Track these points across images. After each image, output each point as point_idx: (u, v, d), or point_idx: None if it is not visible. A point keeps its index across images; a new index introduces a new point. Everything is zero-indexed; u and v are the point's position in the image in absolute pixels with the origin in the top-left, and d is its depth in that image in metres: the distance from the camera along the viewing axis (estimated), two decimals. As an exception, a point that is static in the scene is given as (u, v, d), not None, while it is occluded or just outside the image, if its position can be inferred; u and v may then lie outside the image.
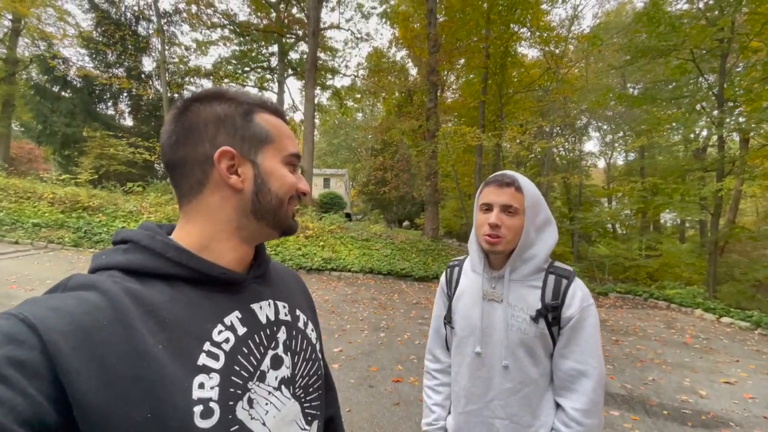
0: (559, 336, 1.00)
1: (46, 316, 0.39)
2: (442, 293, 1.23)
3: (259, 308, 0.59)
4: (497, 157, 15.04)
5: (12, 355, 0.36)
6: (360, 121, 32.46)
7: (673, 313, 7.93)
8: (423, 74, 14.91)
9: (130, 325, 0.43)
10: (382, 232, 12.76)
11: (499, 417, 1.04)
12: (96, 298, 0.43)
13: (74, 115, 14.63)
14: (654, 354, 4.99)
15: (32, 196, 9.30)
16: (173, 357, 0.45)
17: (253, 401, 0.52)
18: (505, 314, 1.02)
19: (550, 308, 0.99)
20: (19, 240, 7.73)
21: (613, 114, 20.78)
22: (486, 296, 1.07)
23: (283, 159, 0.59)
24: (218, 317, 0.52)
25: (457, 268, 1.20)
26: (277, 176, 0.58)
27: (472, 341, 1.07)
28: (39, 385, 0.36)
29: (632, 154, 21.91)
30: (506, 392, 1.03)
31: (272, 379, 0.56)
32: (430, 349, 1.26)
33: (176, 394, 0.43)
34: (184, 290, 0.51)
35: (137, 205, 10.13)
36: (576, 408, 0.97)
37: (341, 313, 6.06)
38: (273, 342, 0.58)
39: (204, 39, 16.56)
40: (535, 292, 1.02)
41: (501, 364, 1.02)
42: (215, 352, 0.49)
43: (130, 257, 0.50)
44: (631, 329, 6.31)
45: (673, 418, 3.27)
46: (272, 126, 0.59)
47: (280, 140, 0.59)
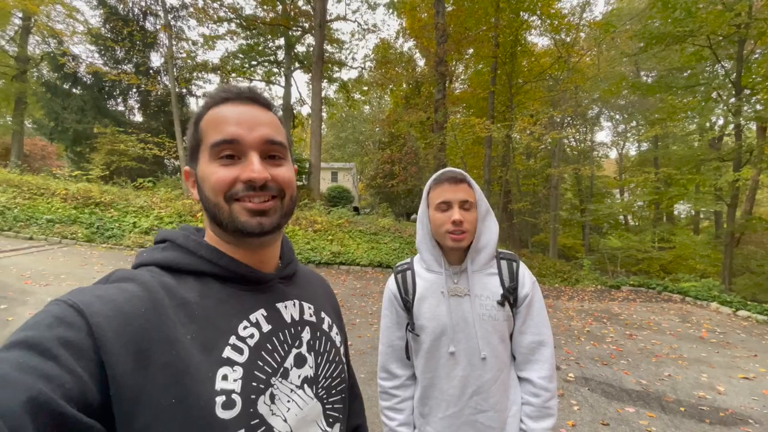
0: (516, 315, 1.07)
1: (92, 302, 0.43)
2: (395, 301, 1.14)
3: (284, 307, 0.60)
4: (507, 149, 14.83)
5: (62, 335, 0.39)
6: (367, 113, 32.32)
7: (688, 306, 7.79)
8: (431, 65, 14.72)
9: (164, 314, 0.47)
10: (391, 225, 12.73)
11: (482, 410, 1.04)
12: (135, 289, 0.47)
13: (85, 112, 14.77)
14: (669, 348, 4.90)
15: (45, 193, 9.43)
16: (200, 348, 0.48)
17: (275, 397, 0.53)
18: (473, 306, 1.05)
19: (511, 290, 1.06)
20: (34, 236, 7.86)
21: (625, 103, 20.35)
22: (450, 293, 1.07)
23: (210, 155, 0.55)
24: (244, 313, 0.55)
25: (409, 272, 1.14)
26: (205, 178, 0.55)
27: (444, 341, 1.05)
28: (85, 365, 0.39)
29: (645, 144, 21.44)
30: (487, 383, 1.04)
31: (295, 377, 0.57)
32: (383, 366, 1.16)
33: (200, 384, 0.45)
34: (214, 286, 0.54)
35: (148, 200, 10.22)
36: (542, 376, 1.05)
37: (350, 307, 6.07)
38: (297, 341, 0.59)
39: (211, 33, 16.47)
40: (494, 278, 1.07)
41: (479, 357, 1.03)
42: (240, 346, 0.52)
43: (167, 254, 0.55)
44: (645, 323, 6.20)
45: (690, 414, 3.20)
46: (207, 121, 0.56)
47: (207, 134, 0.55)
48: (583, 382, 3.80)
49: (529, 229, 21.55)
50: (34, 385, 0.35)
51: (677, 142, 17.78)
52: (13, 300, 4.54)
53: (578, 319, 6.38)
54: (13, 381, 0.34)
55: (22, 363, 0.36)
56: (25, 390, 0.34)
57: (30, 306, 4.41)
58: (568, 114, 16.23)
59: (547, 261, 13.56)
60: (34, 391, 0.34)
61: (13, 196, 8.88)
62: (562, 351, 4.68)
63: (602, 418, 3.09)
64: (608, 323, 6.14)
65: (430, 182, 1.10)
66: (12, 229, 7.92)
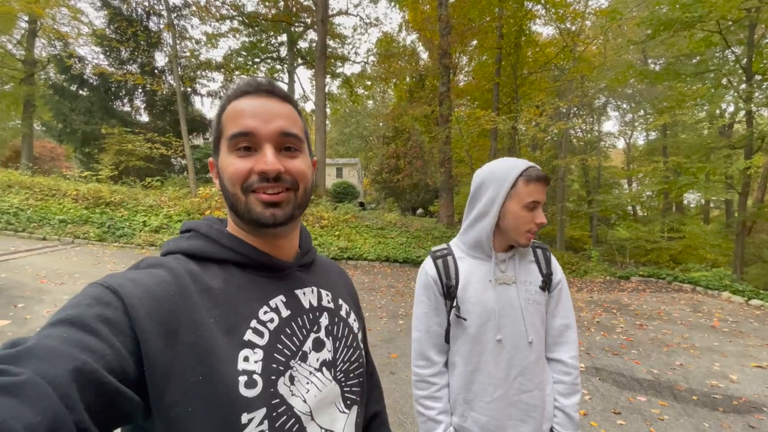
0: (549, 300, 1.13)
1: (126, 285, 0.46)
2: (434, 287, 1.11)
3: (303, 294, 0.63)
4: (513, 141, 14.72)
5: (101, 313, 0.42)
6: (371, 108, 32.22)
7: (699, 296, 7.72)
8: (434, 58, 14.62)
9: (190, 298, 0.50)
10: (397, 220, 12.74)
11: (527, 390, 1.07)
12: (164, 274, 0.50)
13: (92, 113, 14.92)
14: (681, 338, 4.88)
15: (57, 194, 9.57)
16: (223, 331, 0.50)
17: (295, 378, 0.55)
18: (518, 293, 1.08)
19: (547, 277, 1.12)
20: (47, 236, 7.99)
21: (633, 92, 20.06)
22: (499, 281, 1.08)
23: (228, 147, 0.57)
24: (264, 299, 0.57)
25: (450, 257, 1.12)
26: (224, 168, 0.57)
27: (491, 327, 1.06)
28: (123, 340, 0.42)
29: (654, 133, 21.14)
30: (531, 364, 1.07)
31: (314, 360, 0.59)
32: (421, 353, 1.13)
33: (223, 364, 0.48)
34: (235, 273, 0.57)
35: (156, 199, 10.33)
36: (572, 356, 1.13)
37: (360, 301, 6.10)
38: (315, 326, 0.61)
39: (214, 31, 16.50)
40: (533, 265, 1.13)
41: (526, 341, 1.06)
42: (260, 329, 0.54)
43: (191, 243, 0.58)
44: (656, 313, 6.17)
45: (703, 403, 3.20)
46: (226, 116, 0.57)
47: (227, 126, 0.57)
48: (594, 372, 3.80)
49: (536, 221, 21.35)
50: (79, 356, 0.37)
51: (686, 130, 17.50)
52: (30, 299, 4.63)
53: (587, 310, 6.36)
54: (60, 352, 0.37)
55: (67, 337, 0.38)
56: (72, 360, 0.36)
57: (46, 304, 4.50)
58: (574, 104, 16.03)
59: (555, 253, 13.50)
60: (79, 362, 0.37)
61: (25, 198, 9.03)
62: (572, 342, 4.68)
63: (614, 407, 3.09)
64: (618, 314, 6.11)
65: (516, 172, 1.04)
66: (26, 229, 8.06)
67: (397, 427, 2.72)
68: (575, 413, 1.11)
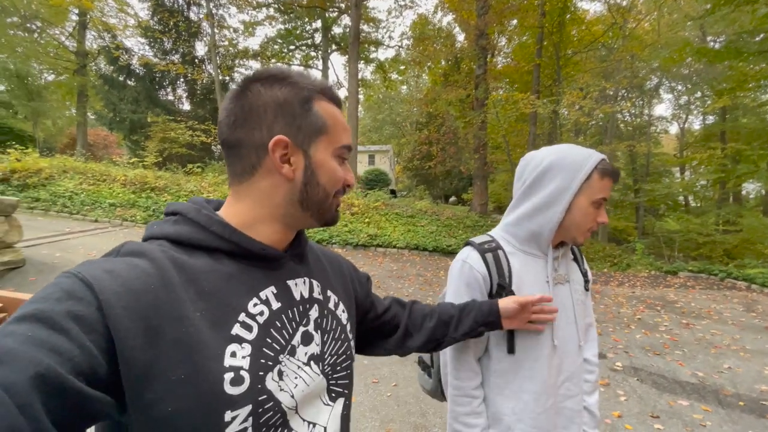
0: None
1: (102, 277, 0.43)
2: (482, 285, 0.97)
3: (294, 285, 0.61)
4: (554, 126, 14.00)
5: (72, 309, 0.39)
6: (405, 94, 31.78)
7: (754, 294, 7.10)
8: (471, 39, 14.08)
9: (174, 291, 0.47)
10: (428, 208, 12.60)
11: (571, 395, 1.00)
12: (145, 265, 0.47)
13: (138, 102, 15.76)
14: (731, 339, 4.52)
15: (107, 179, 10.24)
16: (209, 325, 0.48)
17: (283, 374, 0.53)
18: (571, 293, 1.01)
19: (585, 275, 1.07)
20: (98, 219, 8.59)
21: (689, 72, 18.41)
22: (555, 281, 0.99)
23: (334, 151, 0.59)
24: (254, 291, 0.55)
25: (501, 251, 0.98)
26: (327, 169, 0.58)
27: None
28: (94, 339, 0.39)
29: (711, 116, 19.38)
30: (578, 368, 1.02)
31: (302, 355, 0.57)
32: (466, 362, 0.99)
33: (209, 360, 0.46)
34: (225, 263, 0.54)
35: (197, 185, 10.81)
36: (594, 354, 1.12)
37: (387, 289, 6.12)
38: (305, 319, 0.60)
39: (251, 19, 16.85)
40: (575, 264, 1.07)
41: (576, 344, 1.00)
42: (249, 323, 0.52)
43: (178, 228, 0.54)
44: (705, 312, 5.74)
45: (750, 409, 2.95)
46: (329, 116, 0.58)
47: (335, 132, 0.59)
48: (632, 372, 3.60)
49: (575, 210, 20.45)
50: (42, 360, 0.35)
51: (748, 114, 15.85)
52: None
53: (628, 306, 6.03)
54: (21, 356, 0.34)
55: (31, 336, 0.36)
56: (33, 365, 0.34)
57: (97, 282, 4.86)
58: (622, 86, 14.95)
59: (596, 244, 12.87)
60: (41, 366, 0.34)
61: (79, 183, 9.73)
62: (610, 339, 4.46)
63: (651, 410, 2.92)
64: (662, 311, 5.75)
65: (592, 163, 0.92)
66: (80, 212, 8.70)
67: (420, 416, 2.71)
68: (597, 411, 1.10)
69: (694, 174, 19.30)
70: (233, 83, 18.40)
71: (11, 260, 4.58)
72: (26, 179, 9.00)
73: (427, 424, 2.62)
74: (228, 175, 0.60)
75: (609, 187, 0.94)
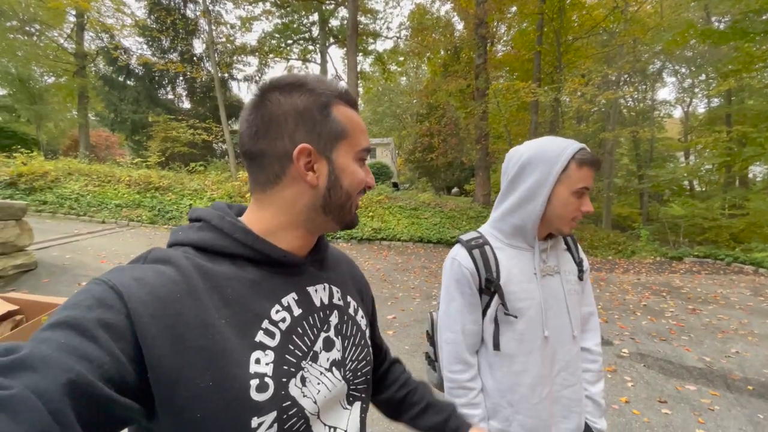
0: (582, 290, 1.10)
1: (130, 285, 0.44)
2: (471, 281, 0.99)
3: (315, 291, 0.62)
4: (556, 113, 13.88)
5: (102, 317, 0.40)
6: (404, 85, 31.54)
7: (762, 278, 7.09)
8: (470, 28, 13.93)
9: (199, 298, 0.48)
10: (431, 200, 12.60)
11: (569, 385, 1.02)
12: (171, 272, 0.48)
13: (139, 102, 15.76)
14: (738, 324, 4.53)
15: (112, 180, 10.32)
16: (234, 332, 0.49)
17: (306, 380, 0.54)
18: (562, 284, 1.02)
19: (579, 264, 1.08)
20: (105, 219, 8.69)
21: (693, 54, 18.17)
22: (543, 272, 1.00)
23: (355, 155, 0.60)
24: (277, 297, 0.56)
25: (488, 247, 1.01)
26: (349, 172, 0.59)
27: (538, 323, 0.98)
28: (123, 347, 0.40)
29: (716, 99, 19.14)
30: (574, 358, 1.03)
31: (324, 360, 0.58)
32: (457, 356, 1.01)
33: (235, 367, 0.47)
34: (248, 270, 0.55)
35: (201, 183, 10.88)
36: (597, 343, 1.13)
37: (393, 282, 6.17)
38: (326, 325, 0.61)
39: (247, 15, 16.68)
40: (568, 254, 1.08)
41: (570, 334, 1.01)
42: (272, 330, 0.53)
43: (202, 235, 0.55)
44: (711, 297, 5.75)
45: (759, 393, 2.98)
46: (348, 120, 0.59)
47: (354, 135, 0.60)
48: (639, 358, 3.63)
49: (579, 198, 20.35)
50: (73, 367, 0.36)
51: (754, 95, 15.65)
52: (92, 277, 5.08)
53: (634, 292, 6.04)
54: (54, 363, 0.35)
55: (64, 344, 0.37)
56: (66, 371, 0.35)
57: (107, 282, 4.93)
58: (625, 71, 14.76)
59: (600, 232, 12.85)
60: (73, 373, 0.36)
61: (84, 184, 9.81)
62: (616, 326, 4.49)
63: (659, 395, 2.95)
64: (668, 297, 5.76)
65: (569, 154, 0.94)
66: (86, 213, 8.79)
67: (429, 406, 2.76)
68: (602, 400, 1.10)
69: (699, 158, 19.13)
70: (232, 80, 18.37)
71: (24, 263, 4.66)
72: (33, 182, 9.09)
73: (437, 414, 2.67)
74: (250, 185, 0.61)
75: (589, 176, 0.95)
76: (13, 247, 4.55)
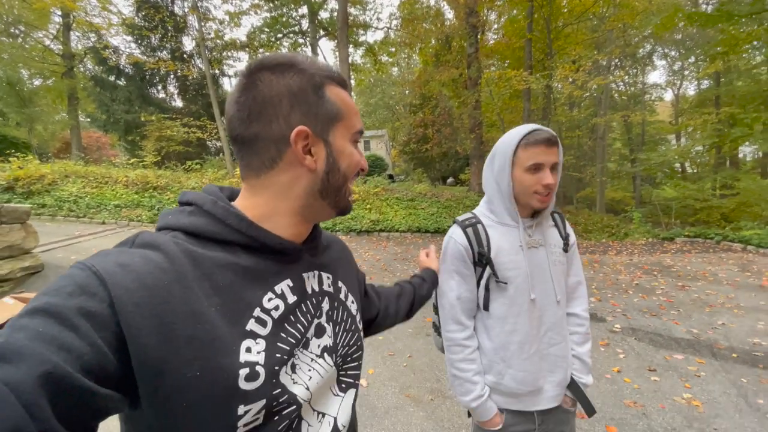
0: (567, 260, 1.22)
1: (115, 272, 0.41)
2: (464, 254, 1.15)
3: (308, 278, 0.61)
4: (548, 100, 14.00)
5: (84, 305, 0.38)
6: (396, 76, 31.42)
7: (750, 255, 7.33)
8: (461, 18, 13.93)
9: (188, 286, 0.46)
10: (427, 190, 12.73)
11: (555, 343, 1.16)
12: (159, 259, 0.45)
13: (131, 102, 15.67)
14: (725, 298, 4.74)
15: (109, 181, 10.33)
16: (224, 320, 0.47)
17: (296, 366, 0.54)
18: (547, 255, 1.16)
19: (566, 239, 1.21)
20: (105, 220, 8.74)
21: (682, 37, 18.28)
22: (528, 245, 1.14)
23: (351, 137, 0.60)
24: (270, 285, 0.54)
25: (480, 225, 1.17)
26: (347, 155, 0.59)
27: (526, 288, 1.12)
28: (105, 336, 0.39)
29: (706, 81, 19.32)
30: (559, 320, 1.17)
31: (315, 347, 0.58)
32: (454, 318, 1.18)
33: (224, 356, 0.46)
34: (240, 256, 0.53)
35: (198, 181, 10.91)
36: (584, 309, 1.26)
37: (393, 271, 6.32)
38: (318, 311, 0.61)
39: (236, 10, 16.54)
40: (554, 229, 1.21)
41: (554, 299, 1.15)
42: (264, 318, 0.52)
43: (193, 220, 0.53)
44: (700, 274, 5.96)
45: (743, 360, 3.17)
46: (342, 102, 0.58)
47: (349, 117, 0.59)
48: (630, 332, 3.82)
49: (574, 184, 20.61)
50: (50, 358, 0.34)
51: (742, 76, 15.85)
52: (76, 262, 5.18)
53: (626, 273, 6.24)
54: (29, 353, 0.34)
55: (42, 332, 0.36)
56: (41, 363, 0.34)
57: (114, 281, 5.03)
58: (615, 56, 14.88)
59: (594, 216, 13.07)
60: (50, 364, 0.34)
61: (82, 186, 9.83)
62: (608, 304, 4.68)
63: (649, 364, 3.14)
64: (659, 276, 5.96)
65: (517, 140, 1.08)
66: (86, 215, 8.84)
67: (435, 382, 2.93)
68: (588, 359, 1.24)
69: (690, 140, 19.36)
70: (223, 76, 18.25)
71: (31, 265, 4.75)
72: (30, 186, 9.10)
73: (441, 388, 2.84)
74: (242, 170, 0.58)
75: (539, 152, 1.06)
76: (19, 250, 4.64)
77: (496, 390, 1.16)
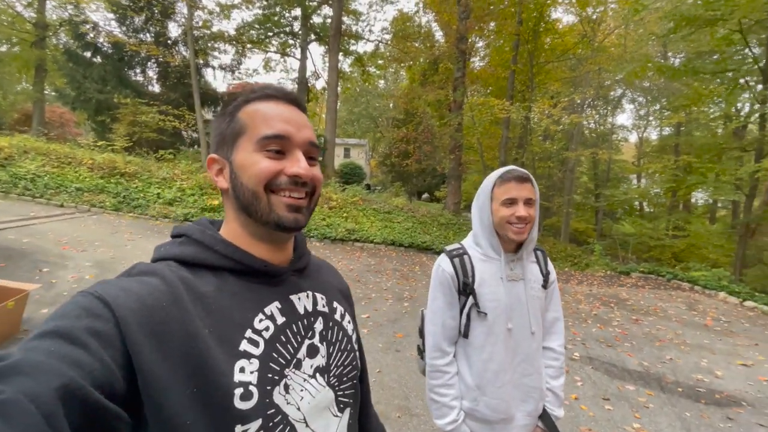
0: (545, 295, 1.30)
1: (117, 295, 0.45)
2: (451, 283, 1.22)
3: (298, 299, 0.62)
4: (525, 130, 14.65)
5: (91, 326, 0.41)
6: (382, 89, 31.83)
7: (697, 295, 7.90)
8: (451, 42, 14.40)
9: (185, 308, 0.48)
10: (404, 205, 12.90)
11: (528, 374, 1.23)
12: (157, 283, 0.49)
13: (106, 81, 14.92)
14: (674, 334, 5.08)
15: (73, 161, 9.76)
16: (218, 341, 0.49)
17: (289, 387, 0.55)
18: (525, 289, 1.23)
19: (546, 276, 1.28)
20: (64, 203, 8.23)
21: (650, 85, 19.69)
22: (508, 278, 1.23)
23: (255, 146, 0.57)
24: (259, 307, 0.57)
25: (466, 257, 1.25)
26: (246, 167, 0.56)
27: (504, 319, 1.20)
28: (112, 354, 0.41)
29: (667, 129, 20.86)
30: (533, 351, 1.24)
31: (308, 367, 0.59)
32: (436, 345, 1.24)
33: (219, 376, 0.47)
34: (229, 280, 0.56)
35: (170, 172, 10.52)
36: (560, 344, 1.33)
37: (366, 282, 6.33)
38: (310, 332, 0.61)
39: (227, 2, 16.30)
40: (535, 266, 1.29)
41: (530, 331, 1.22)
42: (256, 339, 0.54)
43: (183, 249, 0.57)
44: (652, 309, 6.37)
45: (687, 395, 3.42)
46: (251, 114, 0.58)
47: (254, 127, 0.57)
48: (588, 361, 4.02)
49: (542, 212, 21.41)
50: (66, 372, 0.36)
51: (700, 128, 17.28)
52: (54, 264, 4.87)
53: (586, 302, 6.57)
54: (46, 368, 0.35)
55: (54, 351, 0.37)
56: (58, 377, 0.35)
57: (70, 270, 4.75)
58: (589, 96, 15.83)
59: (558, 245, 13.66)
60: (66, 378, 0.35)
61: (42, 164, 9.22)
62: (569, 332, 4.90)
63: (603, 393, 3.32)
64: (615, 308, 6.32)
65: (494, 179, 1.21)
66: (43, 196, 8.29)
67: (403, 399, 2.96)
68: (561, 393, 1.31)
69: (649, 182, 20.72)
70: (207, 67, 17.83)
71: (-20, 245, 4.41)
72: (-17, 158, 8.46)
73: (409, 405, 2.88)
74: None
75: (512, 187, 1.18)
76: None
77: (471, 416, 1.23)
